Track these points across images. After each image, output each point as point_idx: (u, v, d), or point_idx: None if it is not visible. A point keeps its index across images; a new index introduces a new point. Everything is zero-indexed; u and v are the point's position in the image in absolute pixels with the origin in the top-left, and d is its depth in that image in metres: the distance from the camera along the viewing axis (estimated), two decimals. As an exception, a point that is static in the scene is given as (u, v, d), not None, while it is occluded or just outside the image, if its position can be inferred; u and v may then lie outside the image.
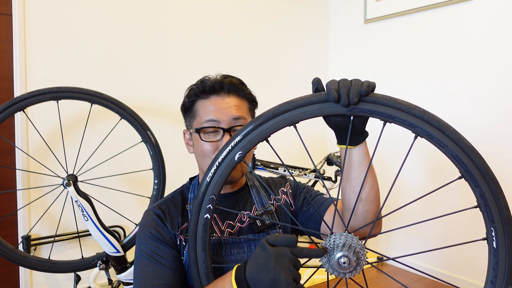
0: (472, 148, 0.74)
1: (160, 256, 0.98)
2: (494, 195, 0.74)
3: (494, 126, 2.45)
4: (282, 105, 0.81)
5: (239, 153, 0.83)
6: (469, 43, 2.56)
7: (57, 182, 1.97)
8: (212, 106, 1.04)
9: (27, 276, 2.23)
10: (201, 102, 1.06)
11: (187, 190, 1.13)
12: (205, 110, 1.05)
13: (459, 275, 2.63)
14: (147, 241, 1.01)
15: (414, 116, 0.75)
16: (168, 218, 1.05)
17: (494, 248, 0.75)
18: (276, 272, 0.73)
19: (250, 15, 3.06)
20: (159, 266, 0.97)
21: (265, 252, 0.76)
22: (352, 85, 0.78)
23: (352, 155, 0.91)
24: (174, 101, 2.68)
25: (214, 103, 1.05)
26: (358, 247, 0.77)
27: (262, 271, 0.74)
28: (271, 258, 0.74)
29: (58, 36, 2.29)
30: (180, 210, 1.07)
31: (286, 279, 0.72)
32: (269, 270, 0.74)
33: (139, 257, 1.00)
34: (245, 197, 1.13)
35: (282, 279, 0.72)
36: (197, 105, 1.07)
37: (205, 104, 1.05)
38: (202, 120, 1.04)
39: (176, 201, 1.10)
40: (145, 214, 1.07)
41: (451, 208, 2.53)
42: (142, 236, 1.03)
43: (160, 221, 1.04)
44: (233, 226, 1.08)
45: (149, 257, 0.98)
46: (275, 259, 0.74)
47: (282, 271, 0.73)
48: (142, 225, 1.05)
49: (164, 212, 1.06)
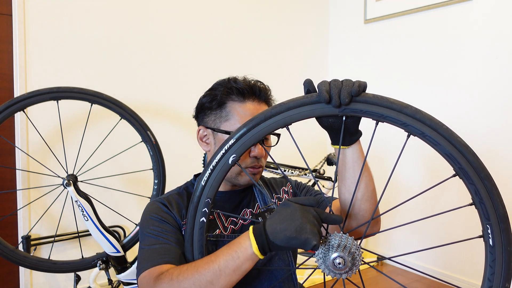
0: (466, 146, 0.74)
1: (168, 235, 0.97)
2: (489, 192, 0.74)
3: (494, 126, 2.45)
4: (275, 107, 0.81)
5: (233, 156, 0.83)
6: (469, 43, 2.55)
7: (57, 182, 1.97)
8: (249, 111, 1.04)
9: (27, 276, 2.23)
10: (236, 104, 1.05)
11: (192, 186, 1.14)
12: (241, 115, 1.03)
13: (459, 275, 2.62)
14: (152, 223, 1.00)
15: (406, 115, 0.76)
16: (175, 207, 1.04)
17: (490, 246, 0.75)
18: (302, 221, 0.75)
19: (250, 14, 3.06)
20: (167, 243, 0.95)
21: (290, 207, 0.78)
22: (343, 85, 0.78)
23: (346, 155, 0.92)
24: (174, 101, 2.70)
25: (251, 109, 1.04)
26: (354, 247, 0.77)
27: (287, 221, 0.76)
28: (296, 210, 0.77)
29: (58, 36, 2.30)
30: (186, 204, 1.07)
31: (311, 228, 0.74)
32: (295, 219, 0.76)
33: (144, 238, 0.98)
34: (248, 196, 1.15)
35: (308, 228, 0.74)
36: (231, 106, 1.05)
37: (240, 107, 1.04)
38: (237, 125, 1.02)
39: (182, 195, 1.10)
40: (150, 203, 1.07)
41: (449, 207, 2.53)
42: (147, 220, 1.01)
43: (165, 208, 1.03)
44: (236, 223, 1.09)
45: (156, 236, 0.97)
46: (301, 211, 0.77)
47: (308, 221, 0.75)
48: (146, 212, 1.04)
49: (170, 202, 1.06)
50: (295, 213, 0.76)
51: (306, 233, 0.73)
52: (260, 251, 0.78)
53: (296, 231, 0.74)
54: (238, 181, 1.07)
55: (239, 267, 0.79)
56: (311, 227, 0.74)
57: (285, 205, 0.80)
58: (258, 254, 0.78)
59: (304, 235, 0.73)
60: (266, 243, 0.77)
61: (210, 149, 1.10)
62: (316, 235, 0.74)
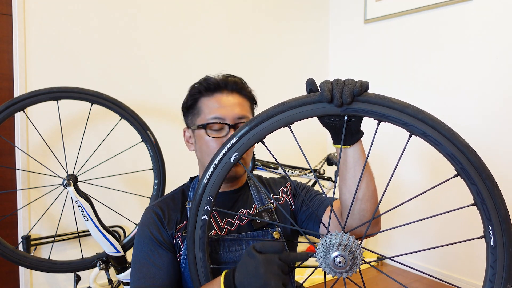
0: (467, 146, 0.74)
1: (156, 258, 1.00)
2: (491, 192, 0.73)
3: (494, 126, 2.45)
4: (277, 106, 0.81)
5: (235, 155, 0.84)
6: (469, 43, 2.55)
7: (57, 182, 1.97)
8: (217, 103, 1.05)
9: (27, 276, 2.23)
10: (205, 99, 1.07)
11: (188, 188, 1.15)
12: (210, 107, 1.05)
13: (459, 275, 2.62)
14: (144, 242, 1.03)
15: (408, 115, 0.75)
16: (167, 216, 1.06)
17: (492, 246, 0.75)
18: (266, 278, 0.75)
19: (250, 14, 3.06)
20: (154, 268, 0.99)
21: (254, 260, 0.77)
22: (345, 85, 0.78)
23: (348, 155, 0.92)
24: (174, 101, 2.68)
25: (218, 100, 1.06)
26: (354, 246, 0.77)
27: (252, 277, 0.76)
28: (260, 265, 0.76)
29: (58, 36, 2.29)
30: (180, 208, 1.08)
31: (276, 284, 0.74)
32: (259, 276, 0.75)
33: (136, 257, 1.02)
34: (245, 196, 1.14)
35: (273, 285, 0.74)
36: (201, 103, 1.08)
37: (209, 101, 1.06)
38: (207, 117, 1.05)
39: (176, 199, 1.11)
40: (145, 211, 1.09)
41: (449, 207, 2.52)
42: (141, 235, 1.04)
43: (158, 222, 1.05)
44: (232, 224, 1.09)
45: (146, 258, 1.00)
46: (264, 266, 0.76)
47: (272, 277, 0.75)
48: (141, 223, 1.07)
49: (163, 211, 1.07)
50: (258, 268, 0.76)
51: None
52: None
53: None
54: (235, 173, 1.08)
55: None
56: (275, 282, 0.74)
57: (249, 254, 0.79)
58: None
59: None
60: None
61: (195, 148, 1.12)
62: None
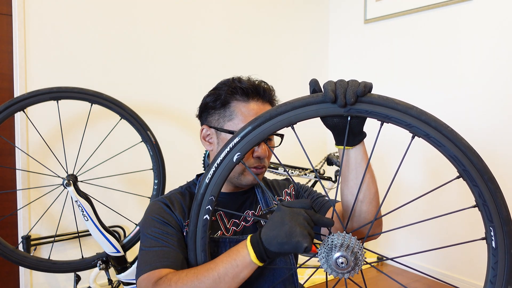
0: (470, 148, 0.74)
1: (169, 237, 0.97)
2: (493, 194, 0.73)
3: (494, 126, 2.45)
4: (280, 106, 0.81)
5: (238, 154, 0.83)
6: (469, 43, 2.55)
7: (57, 182, 1.97)
8: (253, 112, 1.03)
9: (27, 276, 2.23)
10: (239, 104, 1.04)
11: (194, 186, 1.13)
12: (245, 115, 1.03)
13: (459, 275, 2.62)
14: (154, 225, 1.00)
15: (411, 116, 0.75)
16: (177, 207, 1.04)
17: (493, 248, 0.75)
18: (291, 224, 0.75)
19: (250, 14, 3.06)
20: (168, 246, 0.95)
21: (280, 212, 0.79)
22: (349, 85, 0.78)
23: (350, 156, 0.91)
24: (174, 101, 2.70)
25: (255, 109, 1.04)
26: (356, 247, 0.77)
27: (278, 227, 0.77)
28: (285, 215, 0.77)
29: (58, 36, 2.29)
30: (188, 204, 1.06)
31: (301, 231, 0.74)
32: (285, 223, 0.76)
33: (145, 239, 0.99)
34: (251, 197, 1.15)
35: (298, 231, 0.74)
36: (235, 106, 1.04)
37: (244, 107, 1.04)
38: (241, 124, 1.02)
39: (184, 194, 1.09)
40: (152, 203, 1.07)
41: (451, 208, 2.53)
42: (148, 221, 1.01)
43: (167, 209, 1.03)
44: (238, 225, 1.09)
45: (157, 238, 0.97)
46: (289, 215, 0.77)
47: (298, 224, 0.75)
48: (148, 212, 1.04)
49: (172, 202, 1.05)
50: (284, 217, 0.77)
51: (296, 236, 0.73)
52: (259, 259, 0.79)
53: (286, 236, 0.74)
54: (240, 181, 1.07)
55: (238, 275, 0.80)
56: (301, 229, 0.74)
57: (277, 209, 0.80)
58: (256, 262, 0.79)
59: (294, 239, 0.73)
60: (263, 250, 0.78)
61: (213, 148, 1.09)
62: (306, 237, 0.74)
